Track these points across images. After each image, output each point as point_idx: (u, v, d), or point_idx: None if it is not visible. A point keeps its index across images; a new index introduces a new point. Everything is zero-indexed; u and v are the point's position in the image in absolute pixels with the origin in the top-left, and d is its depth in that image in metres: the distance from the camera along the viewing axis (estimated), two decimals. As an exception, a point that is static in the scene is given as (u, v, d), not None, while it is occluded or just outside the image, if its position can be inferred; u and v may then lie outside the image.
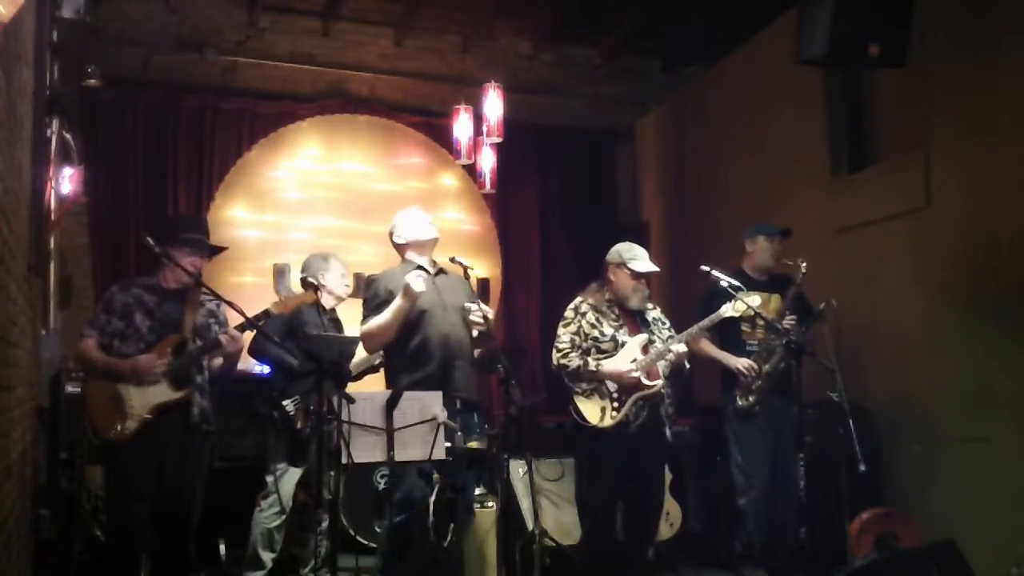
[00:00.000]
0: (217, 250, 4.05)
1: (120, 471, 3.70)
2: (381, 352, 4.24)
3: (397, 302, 3.92)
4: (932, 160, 4.89)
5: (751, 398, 4.61)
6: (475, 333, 4.08)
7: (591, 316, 4.17)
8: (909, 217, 5.03)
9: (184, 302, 3.82)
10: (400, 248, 4.23)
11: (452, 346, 4.01)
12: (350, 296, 4.89)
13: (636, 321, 4.22)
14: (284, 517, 4.51)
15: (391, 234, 4.25)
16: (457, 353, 4.02)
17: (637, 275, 4.16)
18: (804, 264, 4.58)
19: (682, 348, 4.11)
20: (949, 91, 4.79)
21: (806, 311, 4.65)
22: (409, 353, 3.98)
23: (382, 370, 4.43)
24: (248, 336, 3.93)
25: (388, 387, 4.05)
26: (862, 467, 3.77)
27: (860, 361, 5.02)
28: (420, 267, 4.12)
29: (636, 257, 4.17)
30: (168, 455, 3.69)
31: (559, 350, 4.16)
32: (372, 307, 4.07)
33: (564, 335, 4.18)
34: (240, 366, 4.77)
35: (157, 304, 3.78)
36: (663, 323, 4.31)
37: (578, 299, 4.26)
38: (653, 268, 4.18)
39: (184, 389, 3.72)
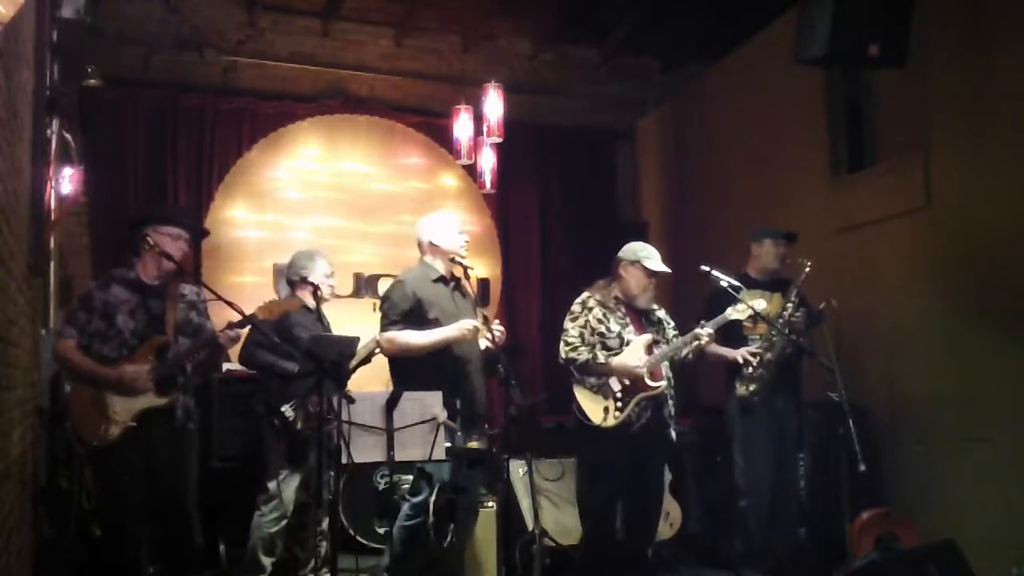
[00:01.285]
0: (201, 233, 3.99)
1: (109, 476, 3.68)
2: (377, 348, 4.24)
3: (449, 335, 3.93)
4: (932, 160, 4.88)
5: (752, 387, 4.61)
6: (482, 345, 4.09)
7: (598, 312, 4.16)
8: (909, 217, 5.03)
9: (165, 297, 3.75)
10: (425, 246, 4.19)
11: (464, 361, 4.03)
12: (349, 296, 4.85)
13: (642, 320, 4.22)
14: (285, 522, 4.48)
15: (421, 230, 4.21)
16: (467, 369, 4.04)
17: (651, 273, 4.15)
18: (809, 265, 4.58)
19: (711, 330, 4.06)
20: (949, 91, 4.78)
21: (806, 311, 4.65)
22: (424, 366, 3.95)
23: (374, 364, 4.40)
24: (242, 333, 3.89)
25: (394, 385, 4.03)
26: (862, 467, 3.77)
27: (860, 361, 5.02)
28: (440, 277, 4.12)
29: (651, 256, 4.17)
30: (156, 457, 3.65)
31: (568, 343, 4.14)
32: (399, 312, 4.03)
33: (572, 328, 4.16)
34: (239, 366, 4.78)
35: (139, 303, 3.70)
36: (668, 323, 4.30)
37: (585, 294, 4.24)
38: (666, 269, 4.18)
39: (169, 395, 3.67)
